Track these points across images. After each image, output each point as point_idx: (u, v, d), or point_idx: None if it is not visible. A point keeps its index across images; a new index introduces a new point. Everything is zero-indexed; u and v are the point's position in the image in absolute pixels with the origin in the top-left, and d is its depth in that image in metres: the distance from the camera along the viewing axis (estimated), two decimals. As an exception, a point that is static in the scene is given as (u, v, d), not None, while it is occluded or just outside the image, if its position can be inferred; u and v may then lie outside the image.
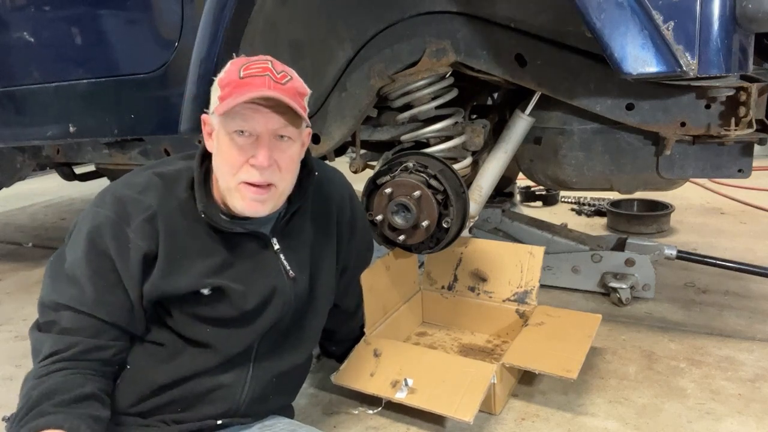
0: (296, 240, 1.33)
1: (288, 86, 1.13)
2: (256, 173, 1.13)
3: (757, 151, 1.95)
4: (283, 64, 1.20)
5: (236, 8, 1.67)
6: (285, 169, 1.18)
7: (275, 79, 1.12)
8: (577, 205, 3.66)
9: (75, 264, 1.15)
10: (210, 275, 1.19)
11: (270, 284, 1.27)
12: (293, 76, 1.17)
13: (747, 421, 1.53)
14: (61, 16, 2.08)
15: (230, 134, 1.14)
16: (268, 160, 1.13)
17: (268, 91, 1.10)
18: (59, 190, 5.07)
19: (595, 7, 1.38)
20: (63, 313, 1.14)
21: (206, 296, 1.20)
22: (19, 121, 2.30)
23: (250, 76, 1.12)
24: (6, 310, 2.56)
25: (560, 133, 2.08)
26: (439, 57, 1.90)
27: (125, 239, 1.14)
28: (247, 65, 1.14)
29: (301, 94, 1.17)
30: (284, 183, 1.19)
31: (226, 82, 1.13)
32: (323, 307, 1.46)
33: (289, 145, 1.17)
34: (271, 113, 1.12)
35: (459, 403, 1.45)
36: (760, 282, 2.32)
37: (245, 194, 1.15)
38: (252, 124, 1.12)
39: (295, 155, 1.21)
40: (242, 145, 1.13)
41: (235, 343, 1.26)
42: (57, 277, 1.17)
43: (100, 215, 1.16)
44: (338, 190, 1.49)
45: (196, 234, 1.20)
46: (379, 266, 1.84)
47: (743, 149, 1.88)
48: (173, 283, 1.17)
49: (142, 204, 1.17)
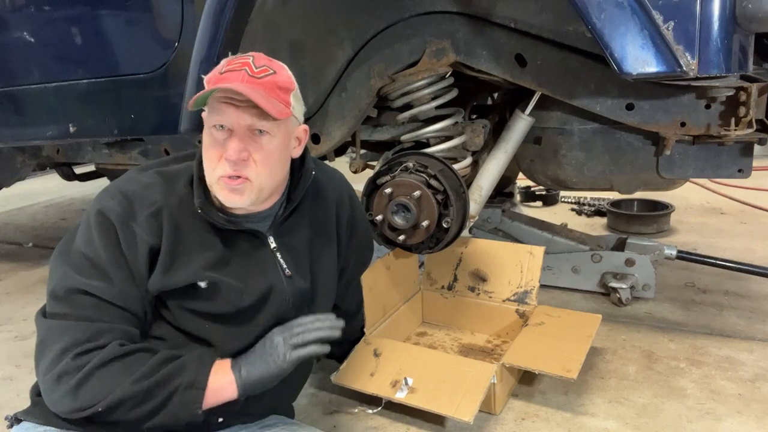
0: (294, 239, 1.33)
1: (265, 80, 1.14)
2: (228, 166, 1.14)
3: (757, 151, 1.95)
4: (279, 61, 1.20)
5: (236, 8, 1.67)
6: (261, 164, 1.17)
7: (251, 74, 1.13)
8: (577, 205, 3.66)
9: (90, 253, 1.14)
10: (208, 269, 1.20)
11: (267, 282, 1.26)
12: (277, 71, 1.17)
13: (747, 421, 1.53)
14: (61, 16, 2.08)
15: (209, 129, 1.16)
16: (237, 154, 1.13)
17: (231, 85, 1.10)
18: (59, 190, 5.07)
19: (595, 7, 1.38)
20: (85, 300, 1.12)
21: (204, 290, 1.20)
22: (19, 121, 2.30)
23: (227, 71, 1.14)
24: (6, 310, 2.56)
25: (560, 133, 2.08)
26: (439, 57, 1.90)
27: (132, 234, 1.15)
28: (230, 61, 1.16)
29: (282, 89, 1.16)
30: (261, 178, 1.18)
31: (209, 78, 1.17)
32: (325, 307, 1.45)
33: (268, 139, 1.16)
34: (246, 107, 1.12)
35: (459, 403, 1.45)
36: (760, 282, 2.32)
37: (222, 186, 1.16)
38: (225, 118, 1.13)
39: (275, 150, 1.19)
40: (219, 140, 1.15)
41: (235, 341, 1.25)
42: (72, 267, 1.15)
43: (107, 210, 1.16)
44: (337, 189, 1.49)
45: (195, 230, 1.21)
46: (379, 266, 1.84)
47: (743, 149, 1.88)
48: (174, 276, 1.17)
49: (147, 199, 1.18)
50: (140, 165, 1.31)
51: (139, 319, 1.18)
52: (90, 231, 1.16)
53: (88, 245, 1.15)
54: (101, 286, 1.12)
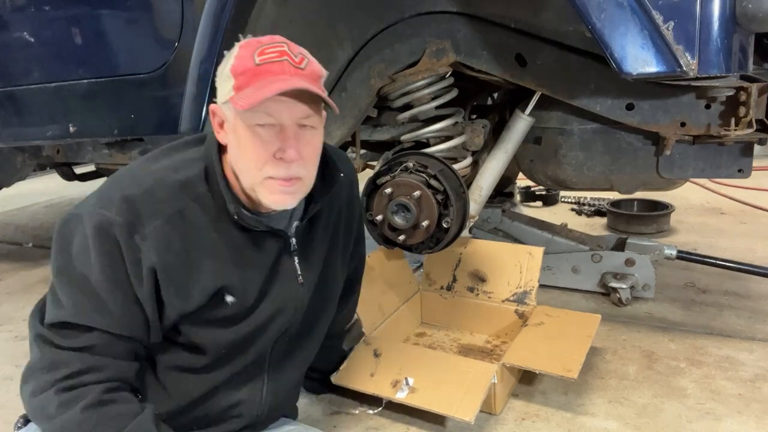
0: (313, 242, 1.26)
1: (308, 71, 1.04)
2: (284, 168, 1.05)
3: (757, 151, 1.95)
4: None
5: (236, 8, 1.67)
6: (310, 161, 1.10)
7: (294, 64, 1.02)
8: (577, 205, 3.66)
9: (88, 277, 1.04)
10: (229, 279, 1.11)
11: (284, 291, 1.20)
12: (310, 59, 1.07)
13: (747, 421, 1.53)
14: (61, 16, 2.08)
15: (251, 127, 1.03)
16: (297, 153, 1.04)
17: (294, 81, 1.01)
18: (59, 190, 5.07)
19: (595, 7, 1.37)
20: (88, 334, 1.05)
21: (225, 300, 1.13)
22: (19, 121, 2.29)
23: (266, 63, 1.01)
24: (6, 310, 2.56)
25: (560, 133, 2.08)
26: (439, 57, 1.90)
27: (136, 251, 1.03)
28: (261, 49, 1.03)
29: (320, 77, 1.07)
30: (309, 175, 1.11)
31: (242, 70, 1.02)
32: (331, 309, 1.42)
33: (312, 134, 1.09)
34: (294, 101, 1.03)
35: (460, 403, 1.45)
36: (760, 282, 2.32)
37: (273, 188, 1.06)
38: (276, 116, 1.03)
39: (319, 145, 1.12)
40: (266, 138, 1.04)
41: (240, 353, 1.20)
42: (69, 295, 1.05)
43: (106, 219, 1.03)
44: (348, 180, 1.38)
45: (218, 233, 1.10)
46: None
47: (743, 149, 1.88)
48: (192, 296, 1.09)
49: (155, 206, 1.05)
50: (138, 159, 1.20)
51: (140, 341, 1.11)
52: (87, 247, 1.03)
53: (84, 265, 1.04)
54: (98, 317, 1.05)
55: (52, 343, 1.07)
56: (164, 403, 1.17)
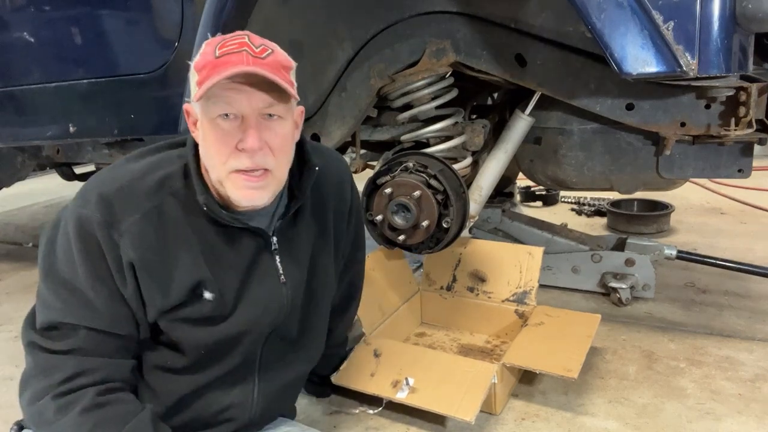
0: (296, 240, 1.24)
1: (269, 60, 1.02)
2: (247, 159, 1.03)
3: (757, 151, 1.95)
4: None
5: (236, 8, 1.67)
6: (278, 151, 1.07)
7: (254, 54, 1.01)
8: (577, 205, 3.66)
9: (71, 276, 1.05)
10: (206, 274, 1.11)
11: (265, 291, 1.19)
12: (274, 49, 1.05)
13: (747, 421, 1.53)
14: (61, 16, 2.08)
15: (213, 120, 1.03)
16: (258, 142, 1.03)
17: (246, 67, 0.99)
18: (59, 190, 5.06)
19: (595, 7, 1.37)
20: (77, 333, 1.06)
21: (205, 298, 1.12)
22: (19, 121, 2.30)
23: (226, 54, 1.01)
24: (6, 310, 2.56)
25: (560, 133, 2.08)
26: (439, 57, 1.90)
27: (115, 246, 1.04)
28: (222, 43, 1.03)
29: (285, 68, 1.05)
30: (279, 167, 1.09)
31: (202, 64, 1.02)
32: (325, 307, 1.40)
33: (279, 124, 1.06)
34: (255, 91, 1.02)
35: (460, 402, 1.45)
36: (760, 282, 2.32)
37: (238, 183, 1.05)
38: (236, 106, 1.02)
39: (288, 135, 1.09)
40: (228, 130, 1.03)
41: (223, 355, 1.19)
42: (56, 295, 1.07)
43: (85, 219, 1.04)
44: (336, 177, 1.36)
45: (194, 228, 1.10)
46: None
47: (743, 149, 1.88)
48: (172, 292, 1.09)
49: (132, 202, 1.06)
50: (121, 158, 1.18)
51: (131, 337, 1.11)
52: (70, 247, 1.05)
53: (68, 265, 1.06)
54: (86, 314, 1.06)
55: (44, 347, 1.08)
56: (153, 403, 1.17)
